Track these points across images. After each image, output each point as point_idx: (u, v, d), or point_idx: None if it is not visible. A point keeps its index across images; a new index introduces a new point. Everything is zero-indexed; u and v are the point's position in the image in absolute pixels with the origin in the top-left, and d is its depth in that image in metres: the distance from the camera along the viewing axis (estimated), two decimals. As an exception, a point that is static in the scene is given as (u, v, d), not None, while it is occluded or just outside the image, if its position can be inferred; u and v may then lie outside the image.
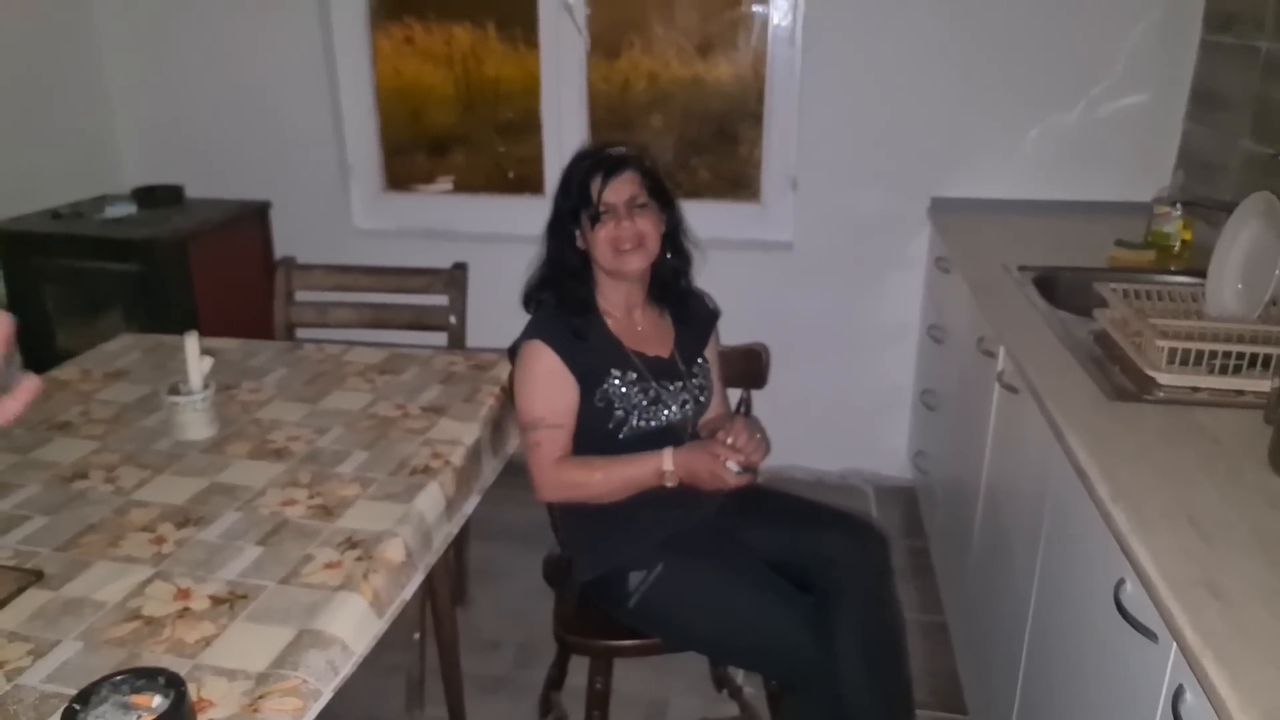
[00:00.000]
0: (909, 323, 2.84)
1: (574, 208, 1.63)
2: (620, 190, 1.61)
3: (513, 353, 1.68)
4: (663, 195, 1.68)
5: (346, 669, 1.11)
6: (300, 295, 2.31)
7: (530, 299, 1.70)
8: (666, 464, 1.58)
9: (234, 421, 1.66)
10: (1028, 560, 1.54)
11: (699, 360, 1.76)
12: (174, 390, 1.60)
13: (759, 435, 1.61)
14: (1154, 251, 2.16)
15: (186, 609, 1.14)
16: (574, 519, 1.71)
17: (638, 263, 1.63)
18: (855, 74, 2.64)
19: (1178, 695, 0.94)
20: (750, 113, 2.85)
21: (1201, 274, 1.97)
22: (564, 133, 2.89)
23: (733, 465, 1.56)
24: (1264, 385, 1.38)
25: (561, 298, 1.65)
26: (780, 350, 2.38)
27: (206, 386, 1.60)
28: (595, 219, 1.60)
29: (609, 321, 1.68)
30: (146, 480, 1.46)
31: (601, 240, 1.61)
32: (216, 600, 1.16)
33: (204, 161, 3.04)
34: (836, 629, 1.53)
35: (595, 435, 1.63)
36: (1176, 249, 2.16)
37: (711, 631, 1.59)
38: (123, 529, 1.32)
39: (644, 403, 1.64)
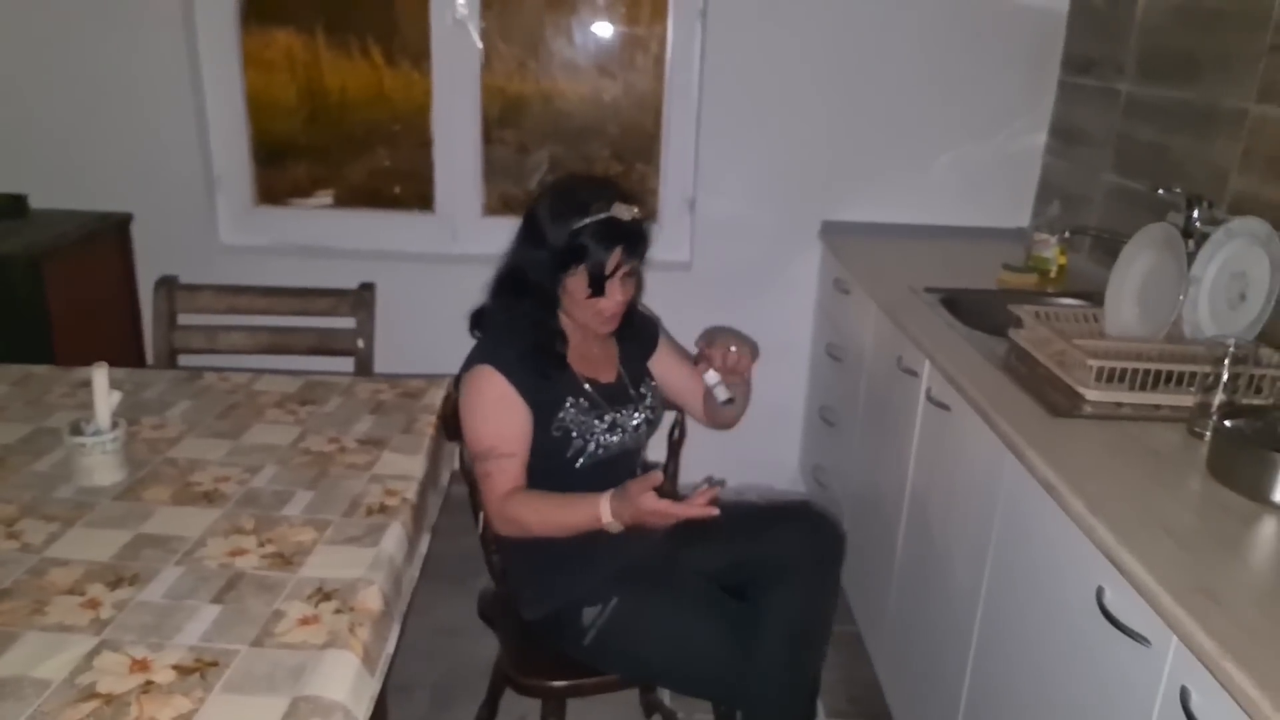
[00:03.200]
0: (799, 341, 2.94)
1: (565, 258, 1.51)
2: (629, 264, 1.54)
3: (458, 380, 1.60)
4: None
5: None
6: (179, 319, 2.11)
7: (478, 323, 1.63)
8: (605, 516, 1.48)
9: (144, 463, 1.49)
10: (973, 571, 1.61)
11: (646, 378, 1.74)
12: (76, 430, 1.41)
13: (740, 345, 1.64)
14: (1035, 275, 2.34)
15: (149, 682, 1.01)
16: (519, 554, 1.64)
17: (614, 328, 1.61)
18: (751, 100, 2.71)
19: (1184, 697, 1.01)
20: (647, 133, 2.86)
21: (1081, 296, 2.17)
22: (455, 147, 2.80)
23: (712, 380, 1.64)
24: (1178, 399, 1.52)
25: (539, 345, 1.57)
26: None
27: (115, 425, 1.42)
28: (597, 286, 1.51)
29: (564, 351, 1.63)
30: (57, 535, 1.28)
31: (589, 305, 1.54)
32: (183, 670, 1.03)
33: (45, 168, 2.70)
34: (769, 610, 1.54)
35: (552, 464, 1.57)
36: (1054, 273, 2.35)
37: (671, 664, 1.56)
38: (45, 593, 1.15)
39: (602, 429, 1.60)
